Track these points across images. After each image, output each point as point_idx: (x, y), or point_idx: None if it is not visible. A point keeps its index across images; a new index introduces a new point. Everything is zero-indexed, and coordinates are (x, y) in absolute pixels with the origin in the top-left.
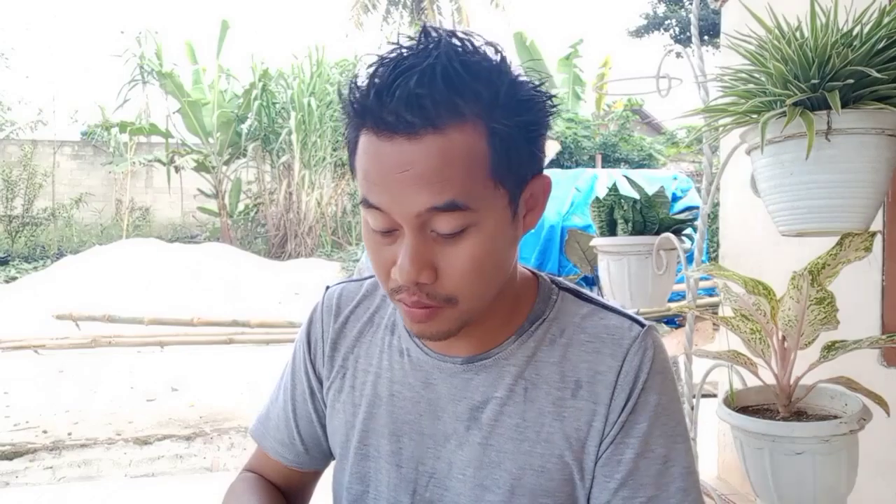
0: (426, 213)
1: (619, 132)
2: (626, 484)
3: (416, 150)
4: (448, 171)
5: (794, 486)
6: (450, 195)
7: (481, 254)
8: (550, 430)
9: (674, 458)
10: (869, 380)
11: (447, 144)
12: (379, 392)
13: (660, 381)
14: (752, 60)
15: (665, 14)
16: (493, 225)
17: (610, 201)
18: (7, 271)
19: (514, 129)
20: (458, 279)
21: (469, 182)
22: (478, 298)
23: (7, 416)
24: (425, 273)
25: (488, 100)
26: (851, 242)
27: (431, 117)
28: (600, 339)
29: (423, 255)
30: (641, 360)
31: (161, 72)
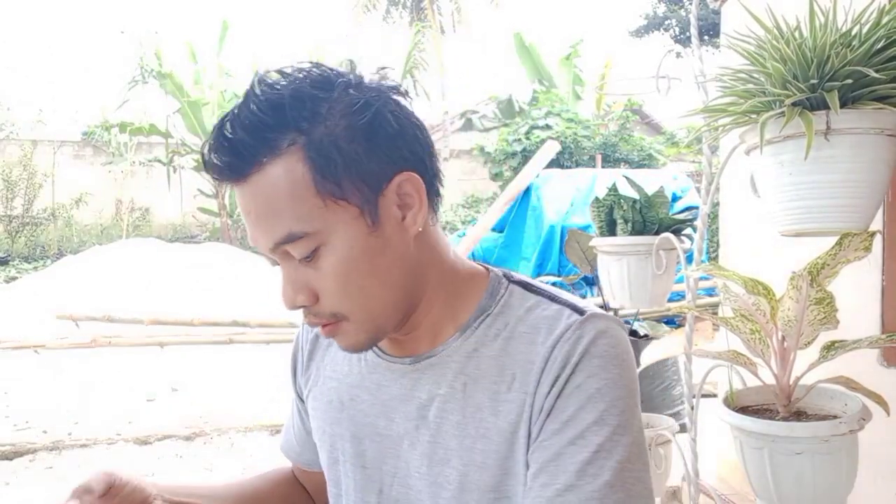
0: (275, 248)
1: (619, 132)
2: (546, 469)
3: (248, 192)
4: (275, 206)
5: (794, 486)
6: (284, 229)
7: (342, 269)
8: (487, 426)
9: (608, 450)
10: (869, 380)
11: (269, 181)
12: (341, 397)
13: (597, 365)
14: (751, 60)
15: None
16: (344, 239)
17: (609, 201)
18: (7, 271)
19: (339, 140)
20: (331, 297)
21: (298, 209)
22: (366, 310)
23: (7, 416)
24: (301, 297)
25: (299, 123)
26: (851, 242)
27: (247, 159)
28: (536, 330)
29: (296, 280)
30: (574, 345)
31: (161, 72)
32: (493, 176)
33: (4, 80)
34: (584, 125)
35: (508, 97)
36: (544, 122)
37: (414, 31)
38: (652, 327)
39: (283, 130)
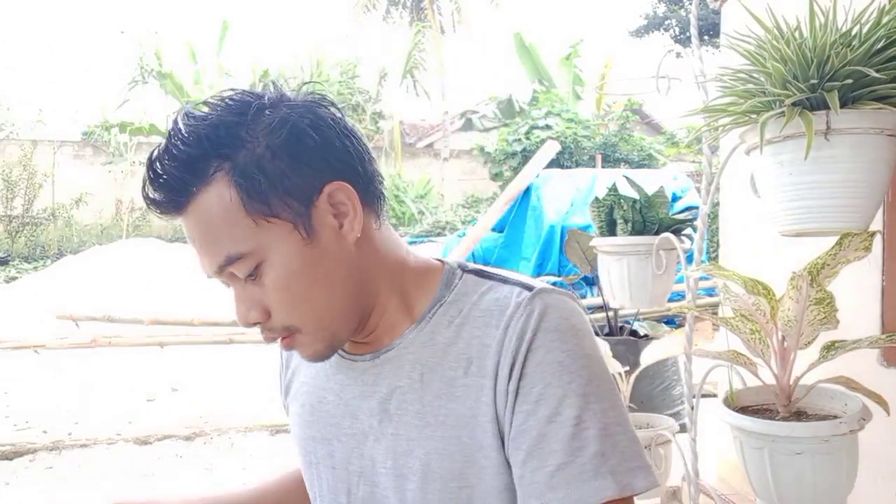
0: (219, 271)
1: (619, 132)
2: (534, 453)
3: (188, 223)
4: (212, 232)
5: (794, 486)
6: (223, 253)
7: (283, 283)
8: (446, 413)
9: (587, 420)
10: (869, 380)
11: (203, 209)
12: (311, 401)
13: (554, 338)
14: (751, 60)
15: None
16: (281, 254)
17: (609, 201)
18: (7, 271)
19: (261, 160)
20: (280, 311)
21: (232, 232)
22: (315, 320)
23: (7, 416)
24: (253, 313)
25: (220, 150)
26: (851, 242)
27: (180, 192)
28: (489, 313)
29: (246, 299)
30: (526, 322)
31: (161, 72)
32: (493, 176)
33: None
34: (584, 125)
35: (508, 97)
36: (544, 122)
37: (414, 31)
38: (652, 327)
39: (207, 160)
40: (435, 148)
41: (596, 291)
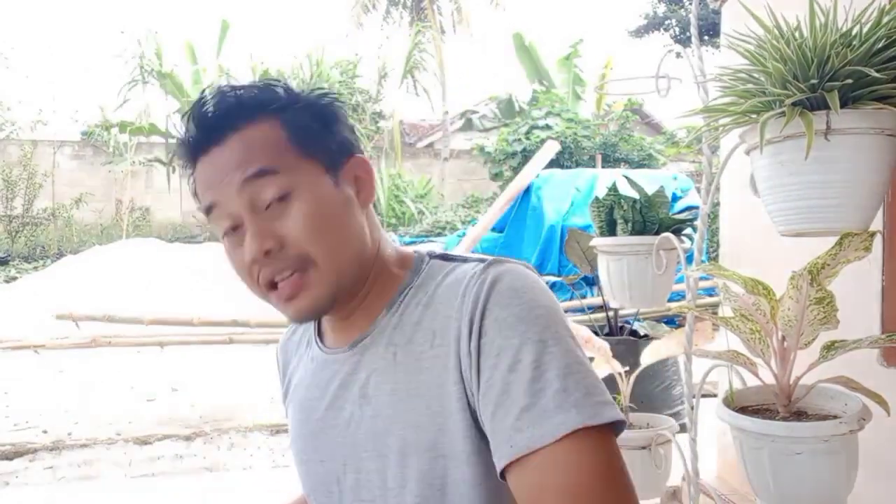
0: (245, 185)
1: (619, 132)
2: (501, 404)
3: (225, 149)
4: (250, 151)
5: (794, 486)
6: (257, 165)
7: (312, 210)
8: (416, 385)
9: (546, 362)
10: (869, 380)
11: (245, 136)
12: (301, 401)
13: (508, 296)
14: (751, 60)
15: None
16: (313, 186)
17: (609, 201)
18: (7, 271)
19: (303, 118)
20: (303, 238)
21: (272, 153)
22: (332, 254)
23: (7, 416)
24: (270, 241)
25: (271, 105)
26: (851, 242)
27: (230, 121)
28: (449, 288)
29: (263, 227)
30: (479, 288)
31: (161, 72)
32: (493, 176)
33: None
34: (584, 125)
35: (508, 97)
36: (544, 122)
37: (414, 32)
38: (652, 327)
39: (258, 107)
40: (435, 148)
41: (596, 291)
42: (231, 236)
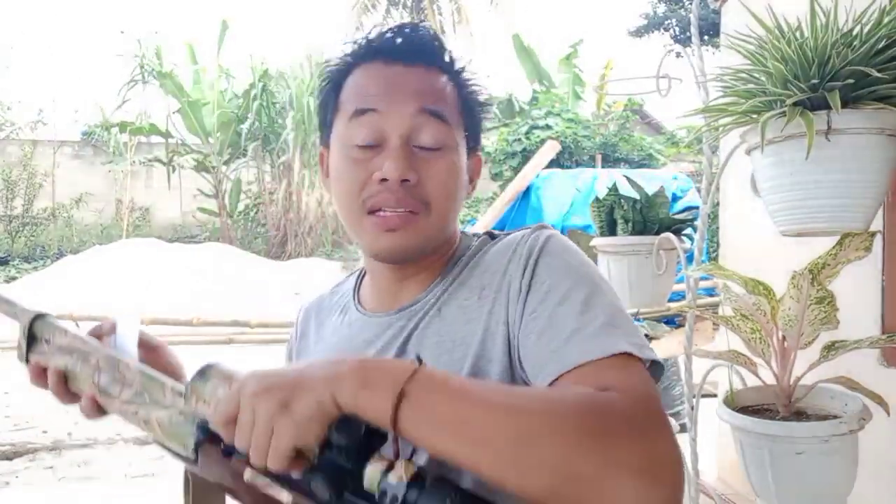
0: (419, 114)
1: (619, 132)
2: (546, 331)
3: (412, 71)
4: (434, 90)
5: (794, 486)
6: (439, 105)
7: (454, 170)
8: (462, 334)
9: (596, 299)
10: (869, 380)
11: (435, 76)
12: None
13: (560, 250)
14: (751, 60)
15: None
16: (459, 151)
17: (610, 201)
18: (7, 271)
19: (473, 100)
20: (435, 186)
21: (450, 106)
22: (445, 213)
23: (7, 416)
24: (412, 173)
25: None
26: (851, 242)
27: (426, 56)
28: (499, 250)
29: (410, 158)
30: (533, 241)
31: (161, 72)
32: (493, 176)
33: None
34: (584, 125)
35: (508, 97)
36: (544, 122)
37: None
38: (652, 327)
39: (447, 64)
40: None
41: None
42: (363, 150)
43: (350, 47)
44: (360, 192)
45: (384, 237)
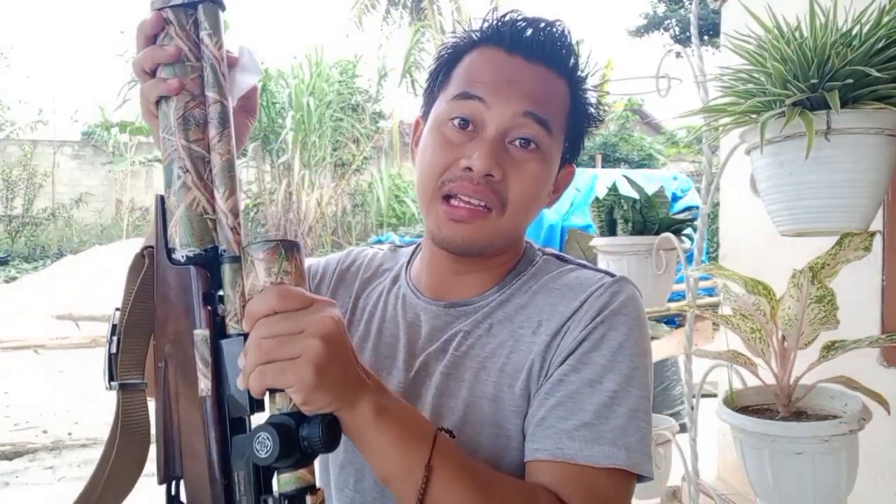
0: (522, 116)
1: (619, 132)
2: (565, 404)
3: (530, 69)
4: (550, 94)
5: (794, 486)
6: (546, 113)
7: (540, 177)
8: (506, 362)
9: (622, 398)
10: (869, 379)
11: (552, 79)
12: (370, 330)
13: (623, 322)
14: (751, 60)
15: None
16: (551, 161)
17: (610, 201)
18: (7, 271)
19: (582, 110)
20: (518, 188)
21: (556, 113)
22: (519, 217)
23: (7, 416)
24: (498, 169)
25: (574, 70)
26: (851, 242)
27: (546, 55)
28: (568, 287)
29: (501, 154)
30: (607, 301)
31: None
32: None
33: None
34: None
35: None
36: None
37: (413, 31)
38: (652, 327)
39: (570, 70)
40: None
41: None
42: (457, 129)
43: (479, 23)
44: (442, 173)
45: (450, 226)
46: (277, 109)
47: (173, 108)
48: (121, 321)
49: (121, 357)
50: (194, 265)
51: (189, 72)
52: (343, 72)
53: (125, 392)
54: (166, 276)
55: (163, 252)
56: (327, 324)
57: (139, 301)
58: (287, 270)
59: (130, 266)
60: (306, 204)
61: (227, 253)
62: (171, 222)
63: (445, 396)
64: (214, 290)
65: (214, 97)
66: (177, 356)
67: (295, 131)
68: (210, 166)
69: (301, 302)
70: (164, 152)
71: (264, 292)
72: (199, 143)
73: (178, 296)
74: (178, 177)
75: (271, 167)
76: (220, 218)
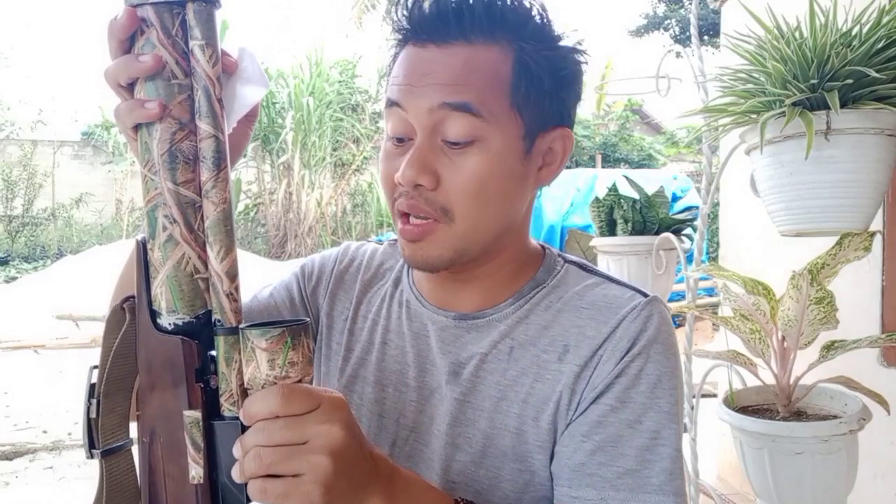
0: (439, 109)
1: (619, 132)
2: (605, 449)
3: (443, 55)
4: (468, 77)
5: (794, 486)
6: (465, 97)
7: (484, 174)
8: (530, 392)
9: (664, 437)
10: (869, 379)
11: (473, 56)
12: (373, 339)
13: (660, 352)
14: (751, 60)
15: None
16: (501, 147)
17: (610, 201)
18: (7, 271)
19: (540, 63)
20: (457, 191)
21: (485, 93)
22: (473, 220)
23: (7, 416)
24: (426, 177)
25: (518, 28)
26: (851, 242)
27: (465, 30)
28: (596, 307)
29: (427, 159)
30: (642, 327)
31: None
32: None
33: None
34: (584, 125)
35: None
36: None
37: None
38: None
39: (503, 29)
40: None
41: None
42: (395, 145)
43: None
44: (391, 185)
45: (409, 248)
46: (277, 109)
47: (156, 139)
48: (99, 381)
49: (102, 421)
50: (183, 335)
51: (176, 92)
52: (343, 72)
53: (110, 458)
54: (149, 341)
55: (146, 313)
56: (335, 437)
57: (119, 358)
58: (293, 361)
59: (108, 319)
60: (306, 204)
61: (221, 324)
62: (156, 281)
63: (462, 425)
64: (207, 362)
65: (208, 130)
66: (164, 435)
67: (295, 131)
68: (202, 214)
69: (307, 404)
70: (146, 193)
71: (266, 391)
72: (189, 186)
73: (164, 367)
74: (164, 228)
75: (271, 167)
76: (213, 283)
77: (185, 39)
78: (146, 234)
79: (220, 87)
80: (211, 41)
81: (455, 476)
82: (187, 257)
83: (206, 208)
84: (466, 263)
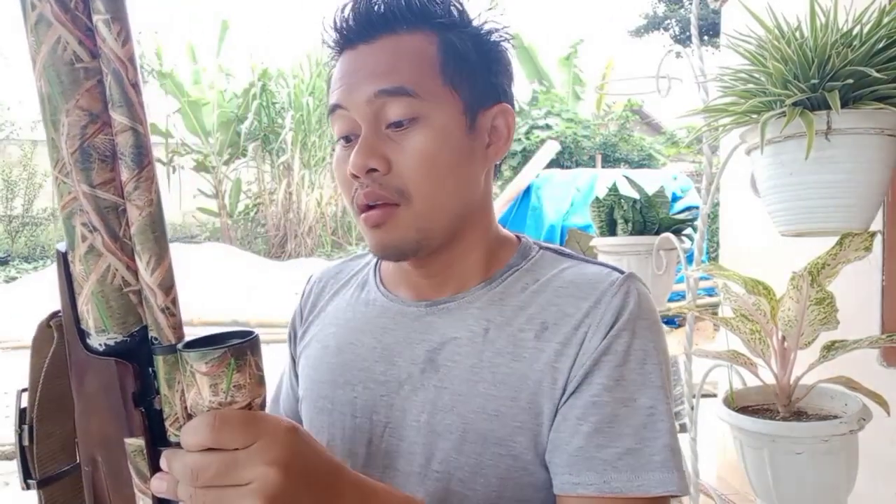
0: (376, 98)
1: (619, 132)
2: (603, 430)
3: (373, 50)
4: (398, 63)
5: (794, 486)
6: (398, 81)
7: (431, 148)
8: (507, 372)
9: (660, 413)
10: (869, 380)
11: (400, 43)
12: (339, 342)
13: (646, 327)
14: (751, 60)
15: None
16: (443, 122)
17: (610, 201)
18: (7, 271)
19: (465, 41)
20: (409, 171)
21: (418, 74)
22: (430, 198)
23: (7, 416)
24: (375, 160)
25: (439, 15)
26: (851, 242)
27: (389, 23)
28: (574, 285)
29: (375, 145)
30: (623, 301)
31: (161, 71)
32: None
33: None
34: (584, 125)
35: None
36: (544, 122)
37: None
38: None
39: (423, 16)
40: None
41: None
42: (344, 147)
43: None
44: (350, 191)
45: (371, 234)
46: (277, 109)
47: (64, 135)
48: (31, 406)
49: (38, 448)
50: (117, 356)
51: (82, 78)
52: None
53: (50, 487)
54: (80, 364)
55: (73, 333)
56: (270, 481)
57: (54, 378)
58: (239, 384)
59: (35, 338)
60: (306, 204)
61: (159, 342)
62: (81, 298)
63: (441, 412)
64: (149, 382)
65: (123, 122)
66: (106, 464)
67: (295, 131)
68: (127, 219)
69: (242, 438)
70: (59, 198)
71: (199, 420)
72: (109, 188)
73: (99, 393)
74: (84, 237)
75: (271, 167)
76: (146, 297)
77: (87, 14)
78: (66, 247)
79: (133, 69)
80: (118, 15)
81: (437, 465)
82: (113, 269)
83: (130, 213)
84: (434, 250)
